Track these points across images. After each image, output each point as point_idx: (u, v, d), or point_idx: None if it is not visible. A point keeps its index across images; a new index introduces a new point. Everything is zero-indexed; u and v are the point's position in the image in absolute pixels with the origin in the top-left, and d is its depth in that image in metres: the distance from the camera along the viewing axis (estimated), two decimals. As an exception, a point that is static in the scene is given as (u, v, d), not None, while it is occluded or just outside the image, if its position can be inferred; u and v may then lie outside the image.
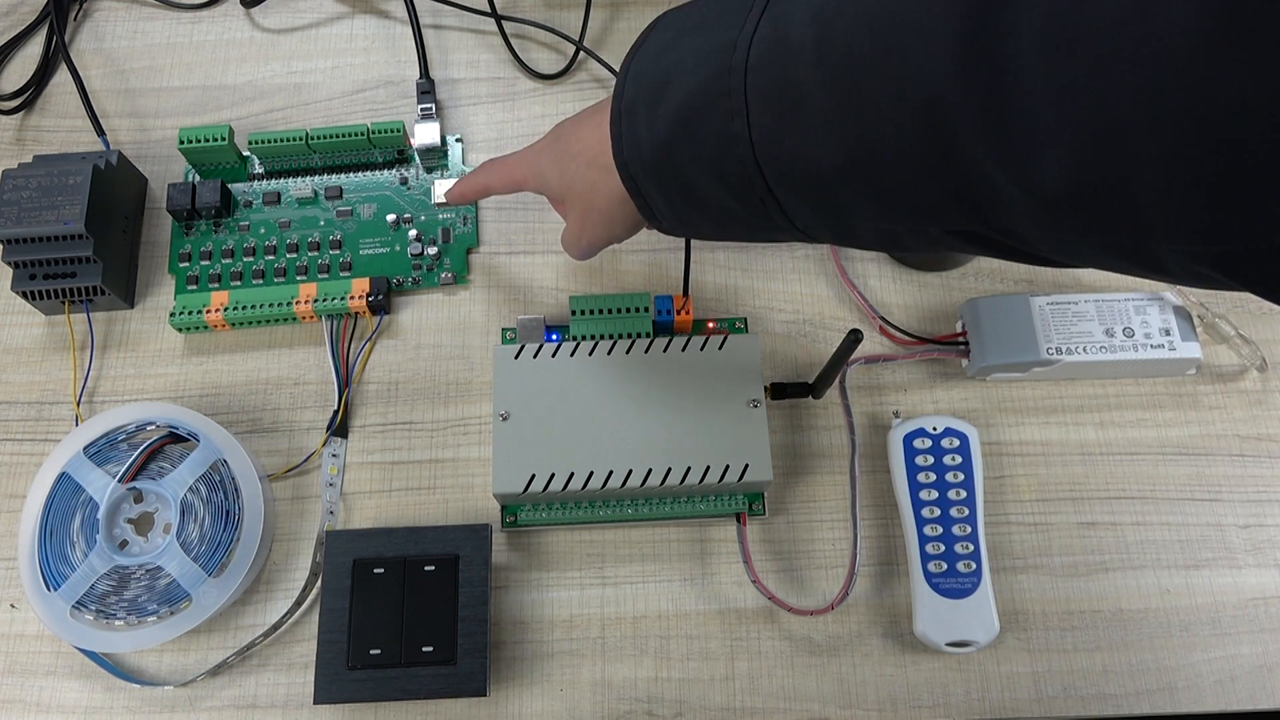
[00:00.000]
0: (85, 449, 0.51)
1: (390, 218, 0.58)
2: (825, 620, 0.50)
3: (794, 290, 0.57)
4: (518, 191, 0.49)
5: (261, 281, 0.57)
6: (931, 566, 0.48)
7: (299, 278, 0.57)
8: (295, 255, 0.57)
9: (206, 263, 0.57)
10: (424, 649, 0.46)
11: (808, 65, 0.31)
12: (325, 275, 0.57)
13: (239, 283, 0.57)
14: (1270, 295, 0.27)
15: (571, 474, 0.47)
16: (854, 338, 0.45)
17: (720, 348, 0.50)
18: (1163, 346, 0.51)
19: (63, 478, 0.50)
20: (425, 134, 0.59)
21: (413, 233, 0.57)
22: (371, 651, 0.46)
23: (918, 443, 0.51)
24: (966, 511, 0.49)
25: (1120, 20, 0.24)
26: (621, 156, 0.37)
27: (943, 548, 0.49)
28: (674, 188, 0.37)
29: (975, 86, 0.27)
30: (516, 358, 0.50)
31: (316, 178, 0.59)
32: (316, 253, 0.57)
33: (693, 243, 0.57)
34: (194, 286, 0.57)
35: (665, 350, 0.50)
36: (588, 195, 0.42)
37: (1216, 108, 0.23)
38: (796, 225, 0.35)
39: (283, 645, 0.50)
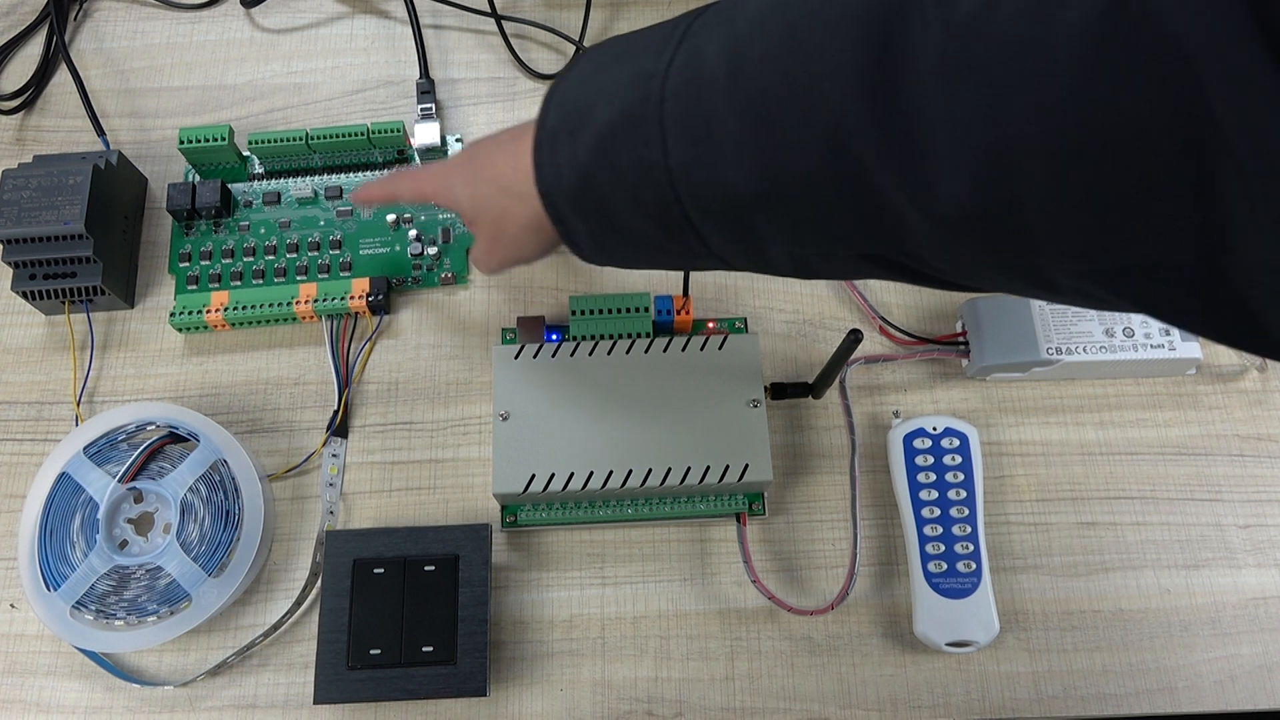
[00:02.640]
0: (85, 449, 0.51)
1: (390, 218, 0.58)
2: (825, 620, 0.50)
3: (794, 290, 0.57)
4: (424, 203, 0.48)
5: (261, 281, 0.57)
6: (931, 566, 0.48)
7: (299, 278, 0.57)
8: (295, 255, 0.57)
9: (206, 263, 0.57)
10: (424, 649, 0.46)
11: (721, 95, 0.31)
12: (325, 275, 0.57)
13: (239, 283, 0.57)
14: (1150, 312, 0.28)
15: (571, 474, 0.47)
16: (854, 338, 0.45)
17: (720, 348, 0.50)
18: (1163, 346, 0.52)
19: (63, 478, 0.50)
20: (425, 134, 0.59)
21: (413, 233, 0.57)
22: (371, 651, 0.46)
23: (918, 443, 0.51)
24: (966, 511, 0.49)
25: (1011, 47, 0.25)
26: (543, 184, 0.37)
27: (943, 548, 0.49)
28: (595, 215, 0.37)
29: (876, 113, 0.28)
30: (516, 358, 0.50)
31: (316, 178, 0.59)
32: (316, 253, 0.58)
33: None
34: (194, 286, 0.57)
35: (665, 350, 0.50)
36: (498, 221, 0.42)
37: (1100, 129, 0.24)
38: (714, 251, 0.36)
39: (283, 645, 0.50)
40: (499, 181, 0.41)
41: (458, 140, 0.60)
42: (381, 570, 0.48)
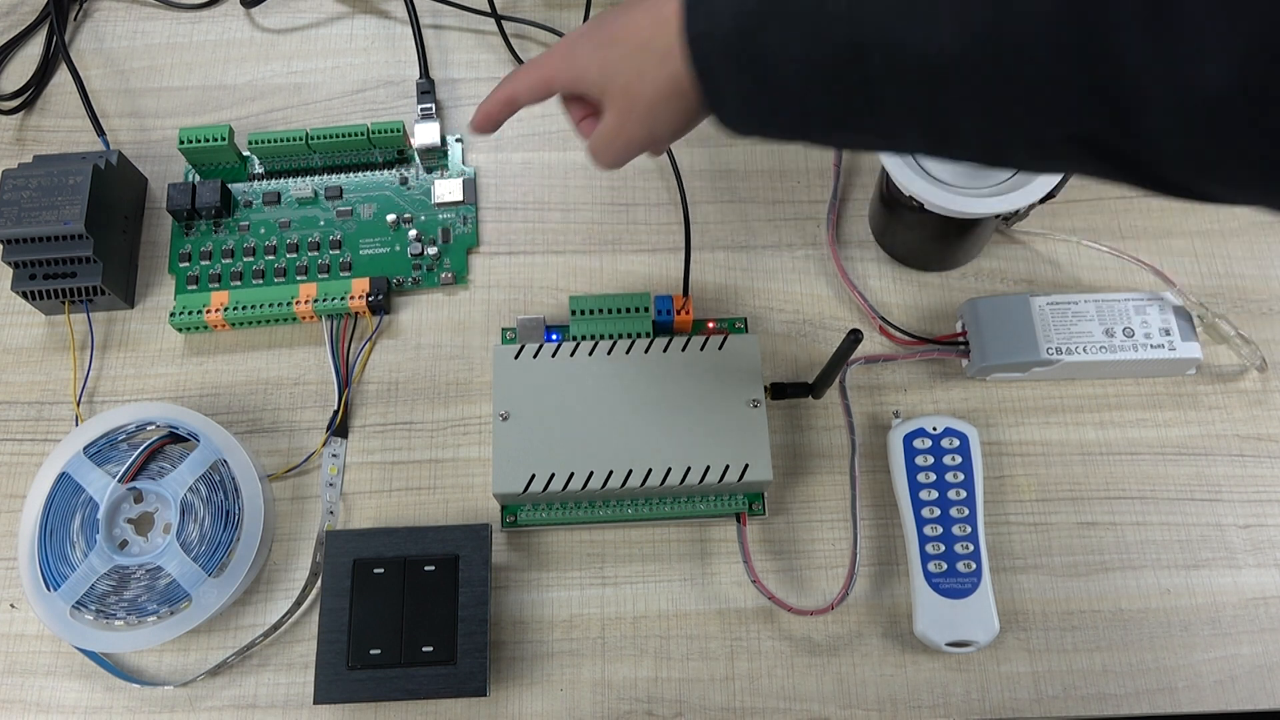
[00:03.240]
0: (85, 449, 0.51)
1: (390, 218, 0.58)
2: (825, 620, 0.50)
3: (794, 290, 0.57)
4: (546, 97, 0.42)
5: (261, 281, 0.57)
6: (931, 566, 0.48)
7: (299, 278, 0.57)
8: (295, 255, 0.57)
9: (206, 263, 0.57)
10: (424, 649, 0.46)
11: None
12: (325, 275, 0.57)
13: (239, 283, 0.57)
14: None
15: (571, 474, 0.47)
16: (854, 338, 0.45)
17: (720, 348, 0.50)
18: (1163, 346, 0.51)
19: (63, 478, 0.50)
20: (425, 134, 0.59)
21: (413, 233, 0.57)
22: (371, 651, 0.46)
23: (918, 443, 0.51)
24: (966, 511, 0.49)
25: None
26: (695, 28, 0.33)
27: (943, 548, 0.49)
28: (752, 69, 0.32)
29: None
30: (516, 358, 0.50)
31: (316, 178, 0.59)
32: (316, 253, 0.57)
33: (693, 242, 0.57)
34: (194, 286, 0.57)
35: (665, 350, 0.50)
36: (632, 85, 0.37)
37: None
38: (887, 123, 0.31)
39: (283, 645, 0.50)
40: (635, 39, 0.36)
41: (458, 140, 0.61)
42: (381, 570, 0.48)
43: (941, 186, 0.49)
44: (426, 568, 0.48)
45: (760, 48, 0.32)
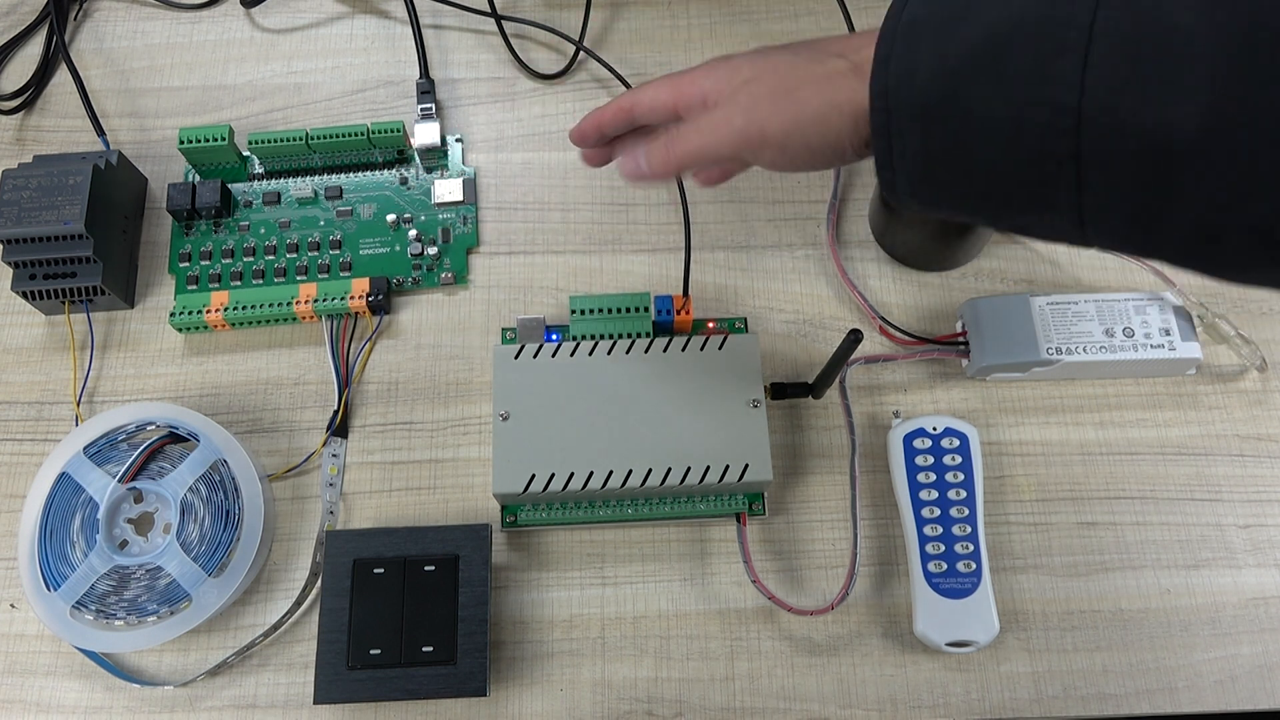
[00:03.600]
0: (85, 449, 0.51)
1: (390, 218, 0.58)
2: (825, 620, 0.50)
3: (794, 290, 0.57)
4: (673, 119, 0.38)
5: (261, 281, 0.57)
6: (931, 566, 0.48)
7: (299, 278, 0.57)
8: (295, 255, 0.57)
9: (206, 263, 0.57)
10: (424, 649, 0.46)
11: (1189, 2, 0.25)
12: (325, 275, 0.57)
13: (239, 283, 0.57)
14: None
15: (571, 474, 0.47)
16: (854, 338, 0.45)
17: (720, 348, 0.50)
18: (1163, 346, 0.51)
19: (63, 478, 0.50)
20: (425, 134, 0.59)
21: (413, 233, 0.57)
22: (371, 651, 0.46)
23: (918, 443, 0.51)
24: (966, 511, 0.49)
25: None
26: (883, 83, 0.30)
27: (943, 548, 0.49)
28: (943, 133, 0.30)
29: None
30: (516, 358, 0.50)
31: (316, 178, 0.59)
32: (316, 253, 0.57)
33: (693, 242, 0.57)
34: (194, 286, 0.57)
35: (665, 350, 0.50)
36: (790, 76, 0.34)
37: None
38: (1082, 208, 0.29)
39: (283, 645, 0.50)
40: (825, 137, 0.33)
41: (458, 140, 0.60)
42: (381, 570, 0.48)
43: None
44: (426, 568, 0.48)
45: (959, 110, 0.29)
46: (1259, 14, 0.25)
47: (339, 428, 0.53)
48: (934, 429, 0.51)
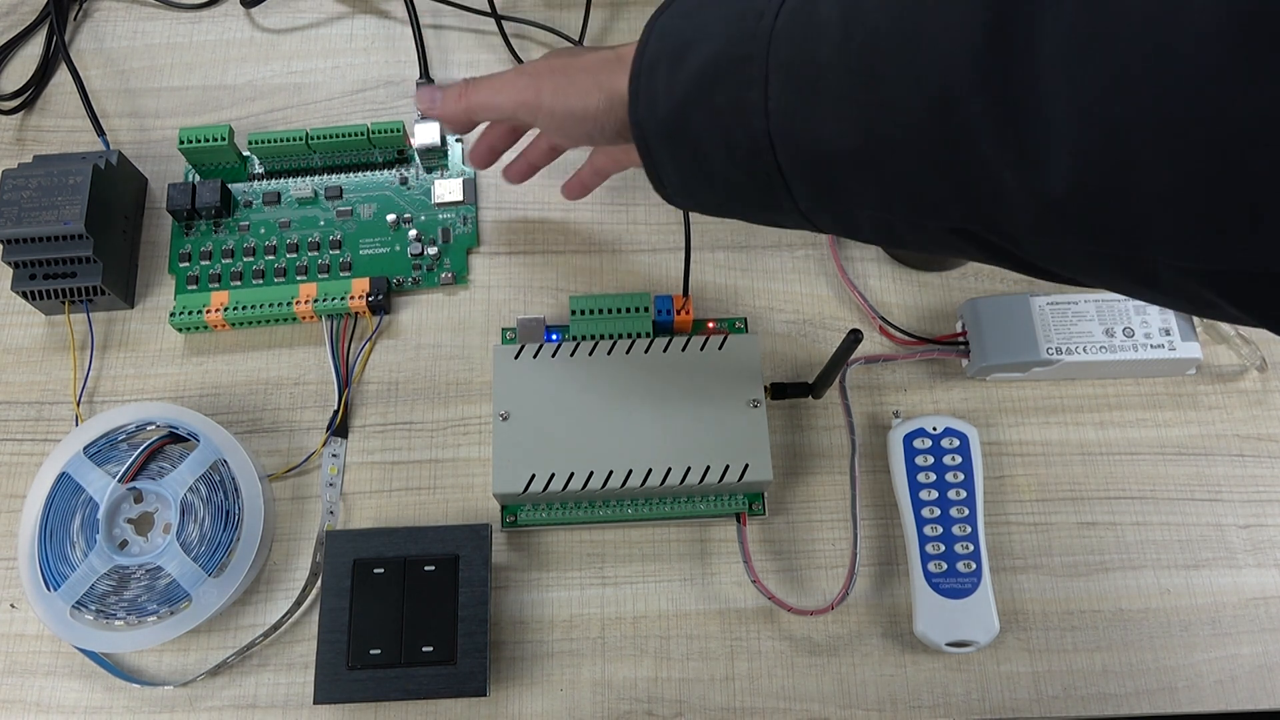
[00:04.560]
0: (85, 449, 0.51)
1: (390, 218, 0.58)
2: (825, 620, 0.50)
3: (794, 290, 0.57)
4: (506, 119, 0.45)
5: (261, 281, 0.57)
6: (931, 566, 0.48)
7: (299, 278, 0.57)
8: (295, 255, 0.57)
9: (206, 263, 0.57)
10: (424, 649, 0.46)
11: (831, 44, 0.30)
12: (325, 275, 0.57)
13: (239, 283, 0.57)
14: (1261, 321, 0.27)
15: (571, 474, 0.47)
16: (854, 338, 0.45)
17: (720, 348, 0.50)
18: (1163, 346, 0.51)
19: (63, 478, 0.50)
20: (425, 134, 0.59)
21: (413, 233, 0.57)
22: (371, 651, 0.46)
23: (918, 443, 0.51)
24: (966, 511, 0.49)
25: (1143, 28, 0.24)
26: (637, 114, 0.36)
27: (943, 548, 0.49)
28: (684, 152, 0.36)
29: (992, 82, 0.27)
30: (516, 358, 0.50)
31: (316, 178, 0.59)
32: (316, 253, 0.58)
33: (693, 242, 0.57)
34: (194, 286, 0.57)
35: (665, 350, 0.50)
36: (569, 60, 0.41)
37: (1228, 125, 0.23)
38: (799, 206, 0.34)
39: (283, 645, 0.50)
40: (586, 107, 0.40)
41: (457, 140, 0.60)
42: (381, 570, 0.48)
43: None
44: (426, 568, 0.48)
45: (692, 133, 0.35)
46: (876, 44, 0.29)
47: (339, 428, 0.53)
48: (934, 429, 0.51)
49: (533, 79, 0.42)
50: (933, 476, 0.50)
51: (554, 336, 0.53)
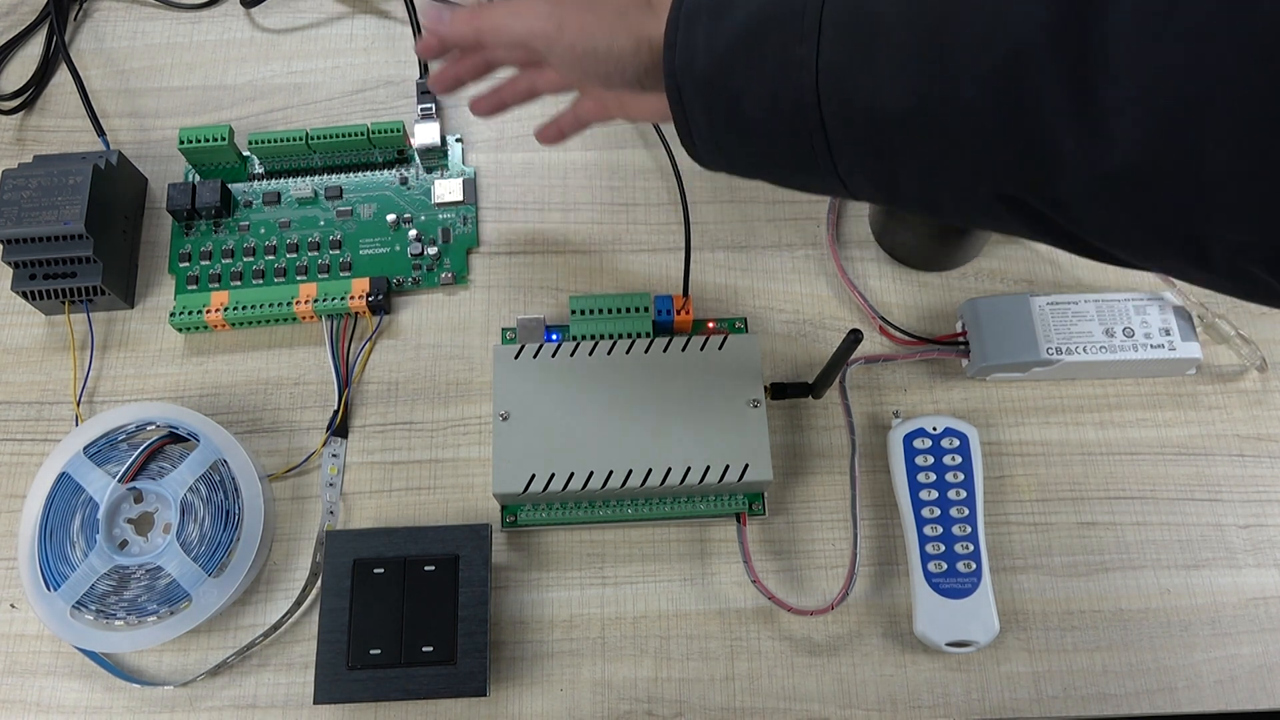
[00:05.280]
0: (85, 449, 0.51)
1: (390, 218, 0.58)
2: (825, 620, 0.50)
3: (794, 290, 0.57)
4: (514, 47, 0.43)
5: (261, 281, 0.57)
6: (931, 566, 0.48)
7: (299, 278, 0.57)
8: (295, 255, 0.57)
9: (206, 263, 0.57)
10: (424, 649, 0.46)
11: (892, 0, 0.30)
12: (325, 275, 0.57)
13: (239, 283, 0.57)
14: None
15: (571, 474, 0.47)
16: (854, 338, 0.45)
17: (720, 348, 0.50)
18: (1163, 346, 0.51)
19: (63, 478, 0.50)
20: (425, 134, 0.59)
21: (413, 233, 0.57)
22: (371, 651, 0.46)
23: (918, 443, 0.51)
24: (966, 511, 0.49)
25: (1222, 1, 0.24)
26: (673, 64, 0.35)
27: (943, 548, 0.49)
28: (721, 108, 0.35)
29: (1066, 43, 0.26)
30: (516, 358, 0.50)
31: (316, 178, 0.59)
32: (316, 253, 0.58)
33: (693, 242, 0.57)
34: (194, 286, 0.57)
35: (665, 350, 0.50)
36: (599, 0, 0.39)
37: None
38: (837, 170, 0.34)
39: (283, 645, 0.50)
40: (611, 47, 0.39)
41: (457, 140, 0.60)
42: (381, 570, 0.48)
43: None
44: (426, 568, 0.48)
45: (730, 87, 0.34)
46: (943, 6, 0.29)
47: (339, 428, 0.53)
48: (934, 429, 0.51)
49: (555, 7, 0.40)
50: (933, 476, 0.50)
51: (554, 336, 0.53)
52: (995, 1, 0.28)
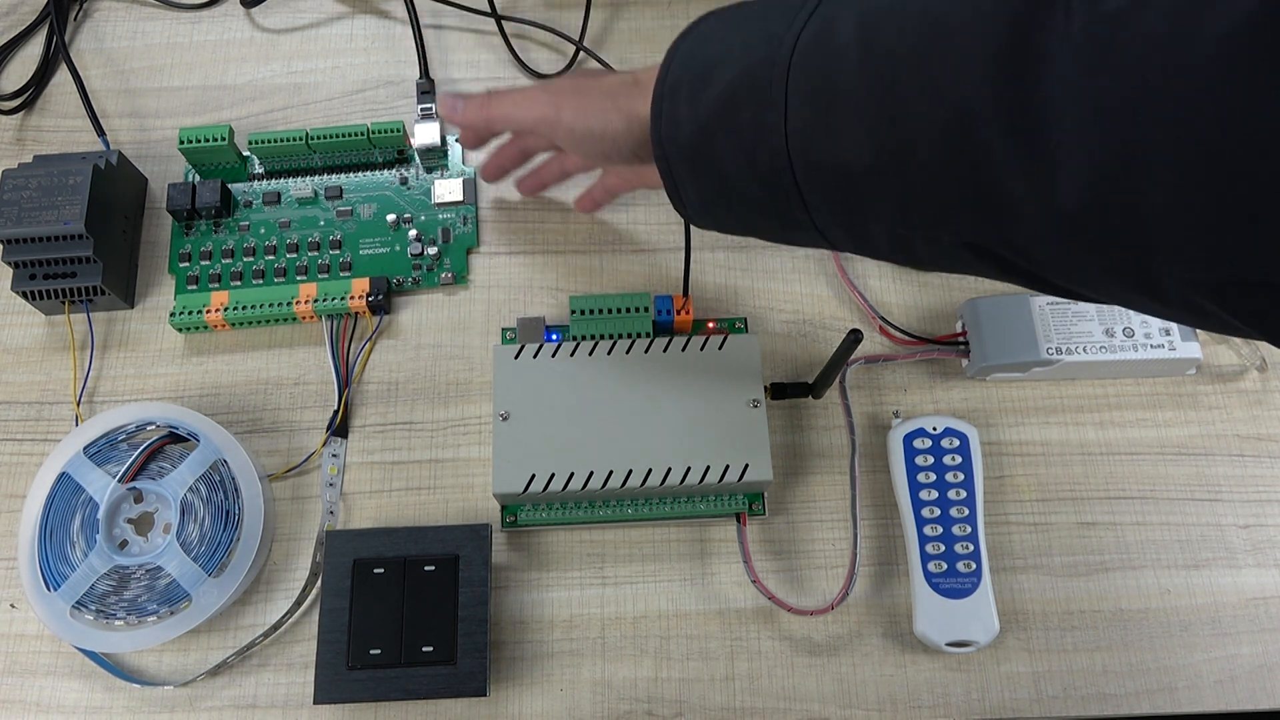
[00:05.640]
0: (85, 449, 0.51)
1: (390, 218, 0.58)
2: (825, 620, 0.50)
3: (794, 290, 0.57)
4: (524, 130, 0.49)
5: (261, 281, 0.57)
6: (931, 566, 0.48)
7: (299, 278, 0.57)
8: (295, 255, 0.57)
9: (206, 263, 0.57)
10: (424, 649, 0.46)
11: (849, 65, 0.32)
12: (325, 275, 0.57)
13: (239, 283, 0.57)
14: (1261, 332, 0.27)
15: (571, 474, 0.47)
16: (854, 338, 0.45)
17: (720, 348, 0.50)
18: (1163, 346, 0.51)
19: (63, 478, 0.50)
20: (425, 134, 0.59)
21: (413, 233, 0.57)
22: (371, 651, 0.46)
23: (918, 443, 0.51)
24: (966, 511, 0.49)
25: (1155, 46, 0.25)
26: (659, 134, 0.38)
27: (943, 548, 0.49)
28: (706, 174, 0.37)
29: (1007, 98, 0.27)
30: (516, 358, 0.50)
31: (316, 178, 0.59)
32: (316, 253, 0.58)
33: (693, 242, 0.57)
34: (194, 286, 0.57)
35: (665, 350, 0.50)
36: (588, 82, 0.43)
37: (1237, 138, 0.23)
38: (816, 224, 0.36)
39: (283, 645, 0.50)
40: (605, 127, 0.42)
41: (457, 140, 0.60)
42: (381, 570, 0.48)
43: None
44: (426, 568, 0.48)
45: (713, 155, 0.36)
46: (894, 63, 0.30)
47: (339, 428, 0.53)
48: (934, 429, 0.51)
49: (554, 96, 0.44)
50: (933, 476, 0.50)
51: (554, 336, 0.53)
52: (940, 62, 0.29)
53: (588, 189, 0.56)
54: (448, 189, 0.59)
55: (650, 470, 0.47)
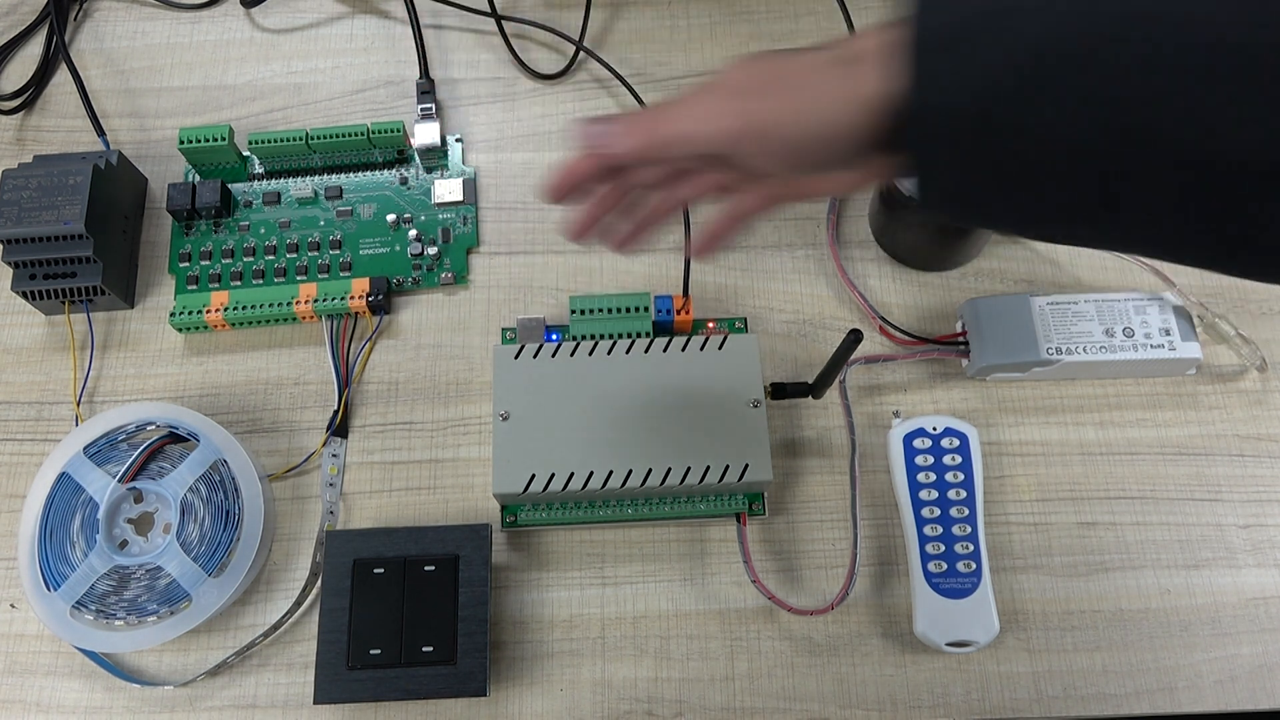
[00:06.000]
0: (85, 449, 0.51)
1: (390, 218, 0.58)
2: (825, 620, 0.50)
3: (794, 290, 0.57)
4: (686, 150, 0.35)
5: (261, 281, 0.57)
6: (931, 566, 0.48)
7: (299, 278, 0.57)
8: (295, 255, 0.57)
9: (206, 263, 0.57)
10: (424, 649, 0.46)
11: (1265, 21, 0.24)
12: (325, 275, 0.57)
13: (239, 283, 0.57)
14: None
15: (571, 474, 0.47)
16: (854, 338, 0.45)
17: (720, 348, 0.50)
18: (1163, 346, 0.51)
19: (63, 478, 0.50)
20: (425, 134, 0.59)
21: (413, 233, 0.57)
22: (371, 651, 0.46)
23: (918, 443, 0.51)
24: (966, 511, 0.49)
25: None
26: (920, 99, 0.28)
27: (943, 548, 0.49)
28: (988, 152, 0.28)
29: None
30: (516, 358, 0.50)
31: (316, 178, 0.59)
32: (316, 253, 0.58)
33: (693, 243, 0.57)
34: (194, 286, 0.57)
35: (665, 350, 0.50)
36: (786, 66, 0.31)
37: None
38: (1136, 225, 0.28)
39: (283, 645, 0.50)
40: (836, 123, 0.31)
41: (457, 140, 0.60)
42: (381, 570, 0.48)
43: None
44: (426, 568, 0.48)
45: (1008, 127, 0.28)
46: None
47: (339, 428, 0.53)
48: (934, 429, 0.51)
49: (738, 100, 0.33)
50: (933, 476, 0.50)
51: (554, 336, 0.53)
52: None
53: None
54: (448, 189, 0.59)
55: (650, 470, 0.47)
